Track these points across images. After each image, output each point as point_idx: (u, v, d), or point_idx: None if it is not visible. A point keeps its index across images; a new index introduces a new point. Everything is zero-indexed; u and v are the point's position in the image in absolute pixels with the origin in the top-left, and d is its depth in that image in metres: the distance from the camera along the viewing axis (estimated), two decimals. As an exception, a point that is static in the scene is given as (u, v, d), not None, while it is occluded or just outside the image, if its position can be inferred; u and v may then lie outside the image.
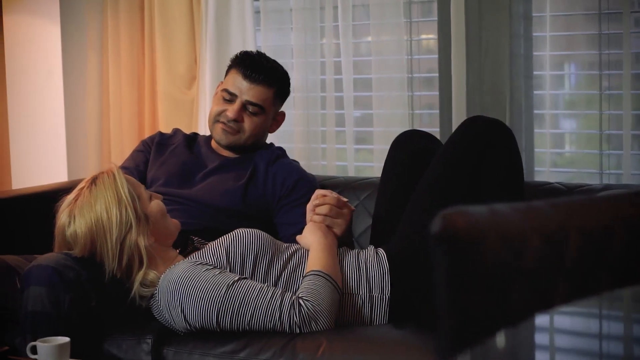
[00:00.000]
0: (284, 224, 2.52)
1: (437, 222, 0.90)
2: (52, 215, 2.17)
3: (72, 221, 2.09)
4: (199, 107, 3.29)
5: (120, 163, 3.32)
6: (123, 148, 3.36)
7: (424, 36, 3.11)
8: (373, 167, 3.09)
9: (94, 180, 2.13)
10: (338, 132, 3.15)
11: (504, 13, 2.82)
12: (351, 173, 3.10)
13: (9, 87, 3.42)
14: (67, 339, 1.69)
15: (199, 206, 2.50)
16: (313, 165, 3.11)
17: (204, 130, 3.18)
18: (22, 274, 2.22)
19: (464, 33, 2.82)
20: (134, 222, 2.09)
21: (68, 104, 3.41)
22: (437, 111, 3.03)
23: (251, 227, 2.22)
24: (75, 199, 2.12)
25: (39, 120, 3.44)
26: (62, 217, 2.12)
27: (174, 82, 3.33)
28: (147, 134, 3.35)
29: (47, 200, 2.46)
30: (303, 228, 2.35)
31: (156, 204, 2.18)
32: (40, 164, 3.43)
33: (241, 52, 2.66)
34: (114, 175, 2.13)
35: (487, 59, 2.85)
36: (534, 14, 2.89)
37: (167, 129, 3.04)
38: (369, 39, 3.10)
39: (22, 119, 3.45)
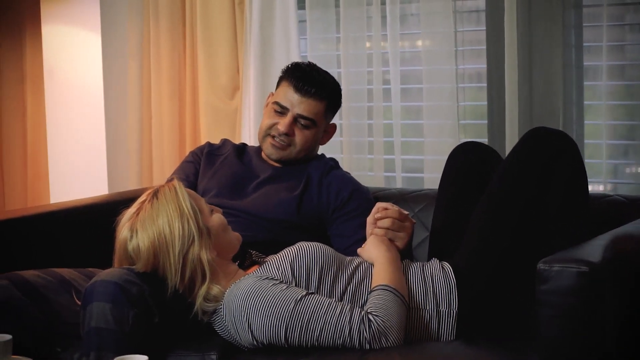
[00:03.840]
0: (338, 236, 2.49)
1: (608, 249, 0.86)
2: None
3: (135, 235, 2.06)
4: (242, 117, 3.24)
5: (161, 175, 3.30)
6: (164, 160, 3.33)
7: (472, 46, 3.07)
8: (423, 178, 3.05)
9: (155, 194, 2.10)
10: (386, 143, 3.11)
11: (556, 23, 2.79)
12: (399, 184, 3.06)
13: (47, 98, 3.39)
14: (145, 357, 1.65)
15: (252, 218, 2.47)
16: (360, 175, 3.06)
17: (247, 141, 3.14)
18: (77, 287, 2.19)
19: (516, 43, 2.79)
20: (196, 235, 2.05)
21: (108, 116, 3.38)
22: (485, 122, 2.99)
23: (305, 239, 2.19)
24: (137, 212, 2.08)
25: (78, 132, 3.41)
26: (124, 231, 2.08)
27: (216, 92, 3.30)
28: (188, 145, 3.32)
29: (86, 214, 2.43)
30: (358, 240, 2.32)
31: (217, 217, 2.15)
32: (80, 177, 3.40)
33: (292, 63, 2.62)
34: (175, 188, 2.10)
35: (541, 69, 2.82)
36: (585, 24, 2.86)
37: (210, 140, 3.00)
38: (418, 48, 3.07)
39: (61, 131, 3.41)
